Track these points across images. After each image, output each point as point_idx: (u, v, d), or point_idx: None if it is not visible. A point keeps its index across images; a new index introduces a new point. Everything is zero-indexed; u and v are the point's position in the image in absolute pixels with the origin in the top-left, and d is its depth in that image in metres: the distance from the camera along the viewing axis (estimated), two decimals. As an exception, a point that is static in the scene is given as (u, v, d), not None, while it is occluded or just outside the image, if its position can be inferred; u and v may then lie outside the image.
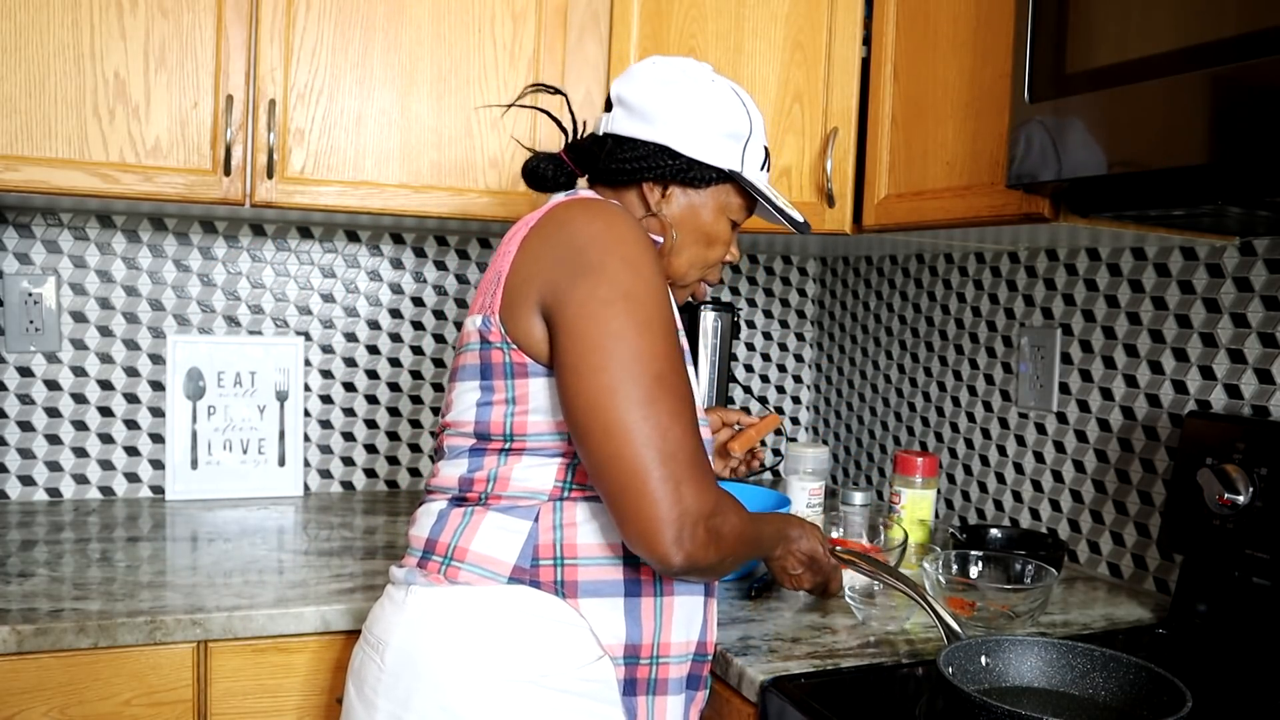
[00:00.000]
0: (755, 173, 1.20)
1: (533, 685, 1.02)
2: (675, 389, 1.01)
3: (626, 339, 1.00)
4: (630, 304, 1.01)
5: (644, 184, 1.17)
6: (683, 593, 1.12)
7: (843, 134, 1.62)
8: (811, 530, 1.27)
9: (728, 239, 1.22)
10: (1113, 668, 1.10)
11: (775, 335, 2.46)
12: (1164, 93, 1.01)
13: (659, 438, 0.98)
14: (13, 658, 1.23)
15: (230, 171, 1.58)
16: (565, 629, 1.04)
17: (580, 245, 1.03)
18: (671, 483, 0.98)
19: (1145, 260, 1.60)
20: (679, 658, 1.12)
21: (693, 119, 1.15)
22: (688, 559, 0.98)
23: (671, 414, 0.99)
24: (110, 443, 1.94)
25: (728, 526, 1.02)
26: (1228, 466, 1.32)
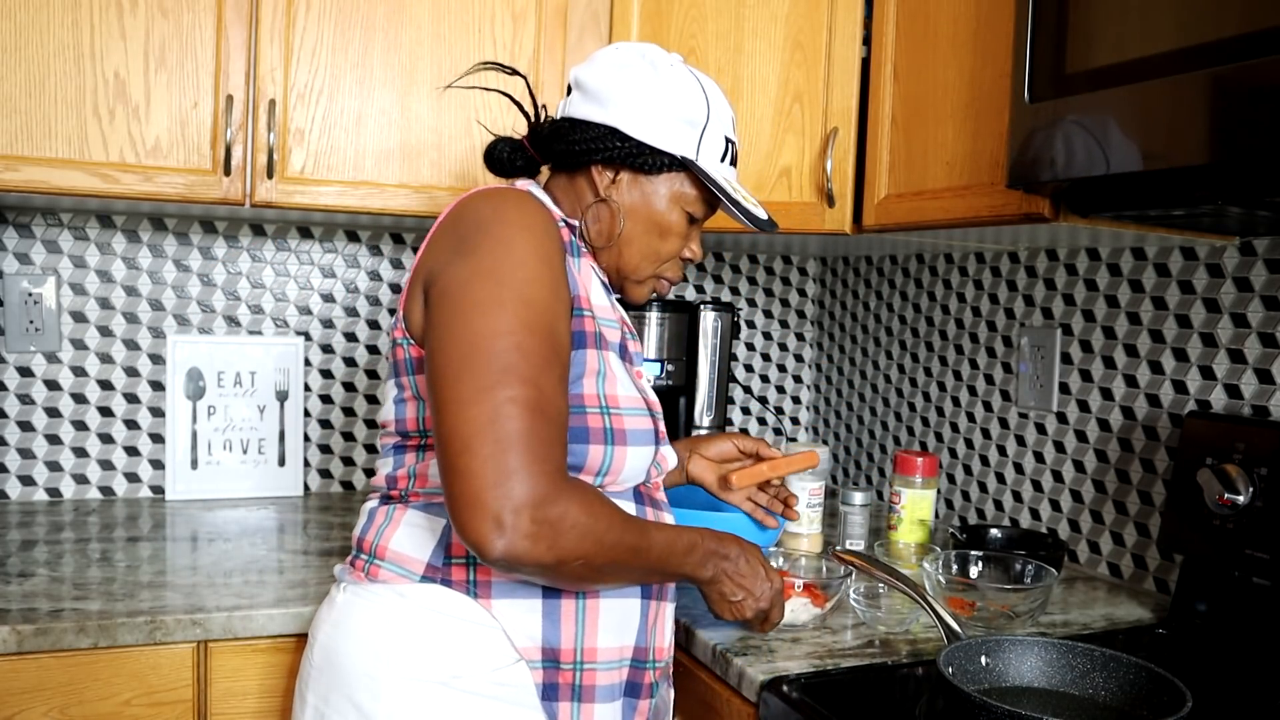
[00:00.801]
0: (713, 163, 1.15)
1: (443, 686, 1.01)
2: (520, 371, 0.95)
3: (476, 317, 0.96)
4: (489, 281, 0.98)
5: (594, 167, 1.14)
6: (611, 595, 1.08)
7: (843, 134, 1.62)
8: (752, 550, 1.19)
9: (682, 232, 1.18)
10: (1112, 668, 1.10)
11: (775, 335, 2.46)
12: (1164, 93, 1.01)
13: (489, 418, 0.93)
14: (13, 658, 1.23)
15: (230, 171, 1.58)
16: (477, 630, 1.03)
17: (463, 231, 1.03)
18: (496, 465, 0.92)
19: (1145, 260, 1.60)
20: (609, 664, 1.08)
21: (645, 102, 1.12)
22: (509, 550, 0.91)
23: (511, 396, 0.94)
24: (110, 443, 1.94)
25: (569, 521, 0.94)
26: (1228, 466, 1.32)
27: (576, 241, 1.14)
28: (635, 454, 1.09)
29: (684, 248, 1.20)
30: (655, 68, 1.13)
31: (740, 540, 1.17)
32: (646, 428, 1.11)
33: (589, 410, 1.05)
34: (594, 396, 1.06)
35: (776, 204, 1.68)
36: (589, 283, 1.12)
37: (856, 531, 1.75)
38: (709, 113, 1.14)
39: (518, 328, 0.96)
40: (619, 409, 1.07)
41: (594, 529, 0.96)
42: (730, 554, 1.14)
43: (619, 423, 1.07)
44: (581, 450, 1.04)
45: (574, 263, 1.10)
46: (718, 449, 1.45)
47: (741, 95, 1.70)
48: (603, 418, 1.06)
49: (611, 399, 1.07)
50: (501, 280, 0.98)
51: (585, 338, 1.07)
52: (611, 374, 1.09)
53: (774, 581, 1.19)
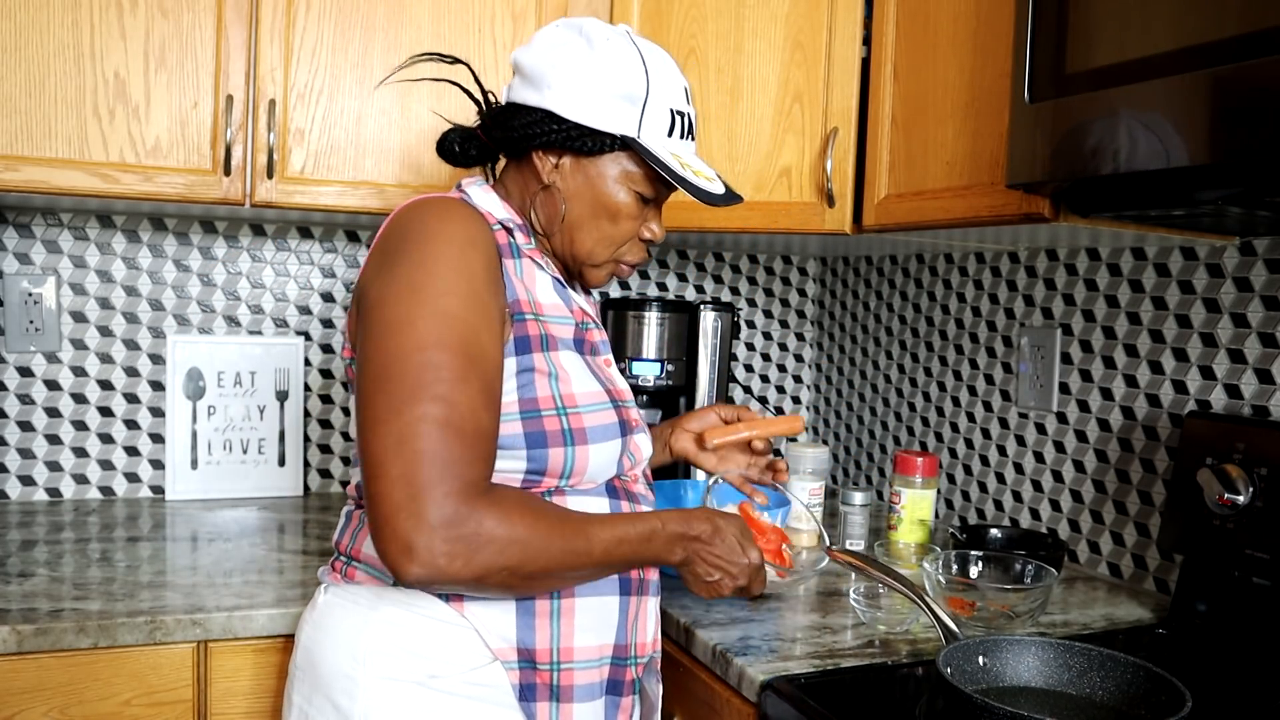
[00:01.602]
0: (658, 139, 1.10)
1: (419, 686, 1.01)
2: (432, 389, 0.93)
3: (390, 335, 0.96)
4: (405, 298, 0.97)
5: (535, 153, 1.11)
6: (588, 593, 1.07)
7: (843, 134, 1.63)
8: (727, 524, 1.12)
9: (635, 213, 1.13)
10: (1109, 667, 1.10)
11: (775, 335, 2.46)
12: (1164, 93, 1.01)
13: (398, 439, 0.92)
14: (13, 658, 1.23)
15: (230, 171, 1.58)
16: (451, 631, 1.02)
17: (388, 246, 1.02)
18: (405, 487, 0.91)
19: (1145, 260, 1.60)
20: (587, 663, 1.07)
21: (580, 81, 1.08)
22: (423, 573, 0.91)
23: (421, 414, 0.92)
24: (110, 443, 1.94)
25: (484, 536, 0.93)
26: (1228, 466, 1.32)
27: (517, 242, 1.11)
28: (599, 451, 1.07)
29: (640, 229, 1.16)
30: (591, 43, 1.08)
31: (713, 515, 1.11)
32: (609, 421, 1.09)
33: (544, 413, 1.04)
34: (549, 398, 1.04)
35: (776, 204, 1.68)
36: (532, 283, 1.10)
37: (856, 531, 1.75)
38: (649, 86, 1.09)
39: (431, 344, 0.95)
40: (577, 407, 1.06)
41: (516, 539, 0.94)
42: (701, 533, 1.09)
43: (577, 421, 1.05)
44: (541, 455, 1.03)
45: (513, 266, 1.08)
46: (700, 420, 1.42)
47: (741, 95, 1.70)
48: (560, 419, 1.04)
49: (568, 398, 1.05)
50: (417, 296, 0.97)
51: (529, 341, 1.05)
52: (564, 373, 1.07)
53: (751, 556, 1.12)
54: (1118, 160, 1.07)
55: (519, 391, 1.03)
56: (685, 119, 1.13)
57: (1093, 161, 1.10)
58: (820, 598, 1.49)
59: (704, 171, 1.14)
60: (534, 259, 1.12)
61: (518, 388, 1.03)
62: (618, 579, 1.10)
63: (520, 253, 1.10)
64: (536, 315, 1.07)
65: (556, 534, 0.98)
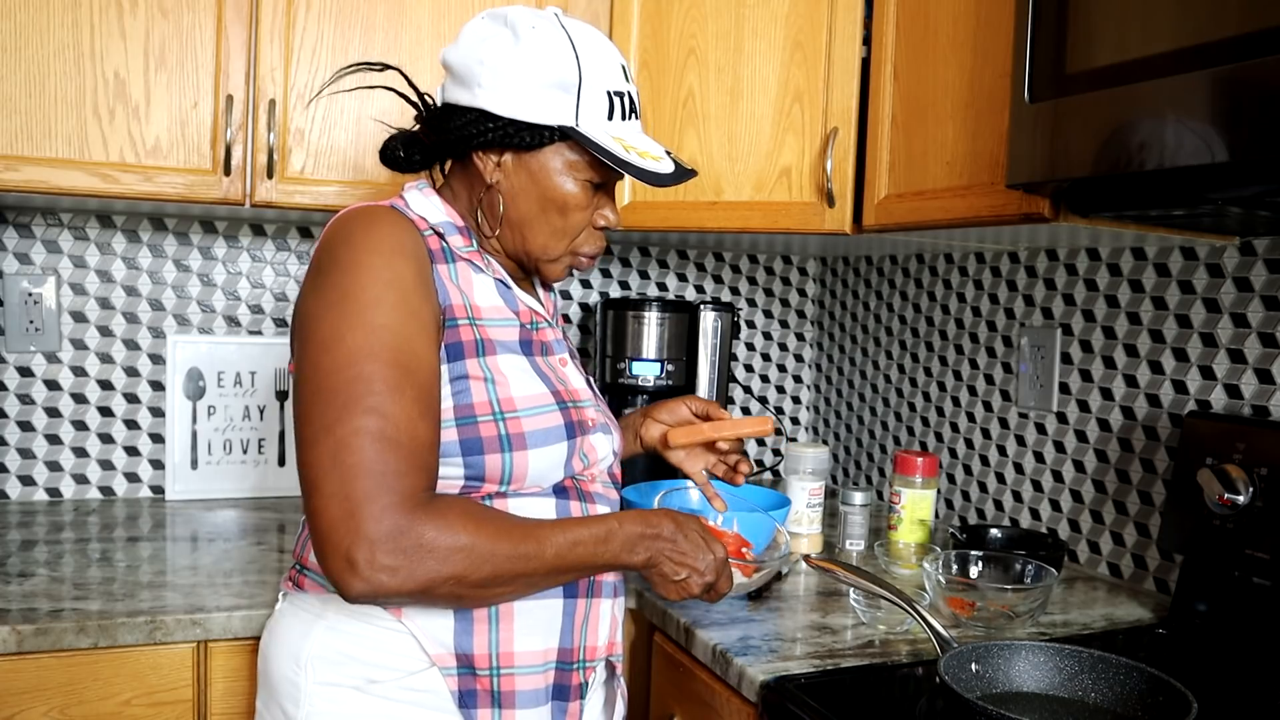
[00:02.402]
0: (598, 124, 1.07)
1: (358, 692, 1.02)
2: (364, 402, 0.93)
3: (320, 352, 0.95)
4: (332, 313, 0.96)
5: (476, 154, 1.09)
6: (529, 597, 1.04)
7: (843, 134, 1.62)
8: (690, 522, 1.10)
9: (584, 203, 1.10)
10: (1101, 669, 1.10)
11: (775, 335, 2.46)
12: (1164, 93, 1.01)
13: (332, 455, 0.91)
14: (13, 658, 1.23)
15: (230, 171, 1.58)
16: (390, 637, 1.02)
17: (318, 261, 1.01)
18: (341, 503, 0.90)
19: (1145, 260, 1.60)
20: (530, 668, 1.05)
21: (508, 75, 1.04)
22: (366, 589, 0.90)
23: (354, 428, 0.92)
24: (110, 443, 1.94)
25: (426, 547, 0.92)
26: (1228, 466, 1.32)
27: (452, 246, 1.09)
28: (540, 456, 1.04)
29: (594, 217, 1.13)
30: (516, 34, 1.05)
31: (674, 514, 1.09)
32: (553, 425, 1.06)
33: (480, 419, 1.02)
34: (485, 404, 1.02)
35: (776, 204, 1.68)
36: (469, 288, 1.08)
37: (856, 531, 1.75)
38: (580, 72, 1.05)
39: (362, 357, 0.94)
40: (515, 412, 1.03)
41: (458, 548, 0.93)
42: (664, 532, 1.06)
43: (515, 426, 1.03)
44: (478, 461, 1.02)
45: (448, 271, 1.06)
46: (670, 412, 1.38)
47: (741, 95, 1.70)
48: (496, 425, 1.02)
49: (506, 403, 1.03)
50: (345, 309, 0.96)
51: (463, 347, 1.03)
52: (502, 377, 1.04)
53: (716, 552, 1.10)
54: (1118, 160, 1.07)
55: (455, 398, 1.02)
56: (625, 99, 1.09)
57: (1093, 161, 1.10)
58: (820, 598, 1.49)
59: (650, 151, 1.10)
60: (473, 262, 1.10)
61: (453, 394, 1.02)
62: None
63: (455, 257, 1.08)
64: (472, 320, 1.05)
65: (503, 539, 0.96)
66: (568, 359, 1.17)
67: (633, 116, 1.11)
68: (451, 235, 1.09)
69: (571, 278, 2.26)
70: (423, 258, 1.03)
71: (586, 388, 1.18)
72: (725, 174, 1.72)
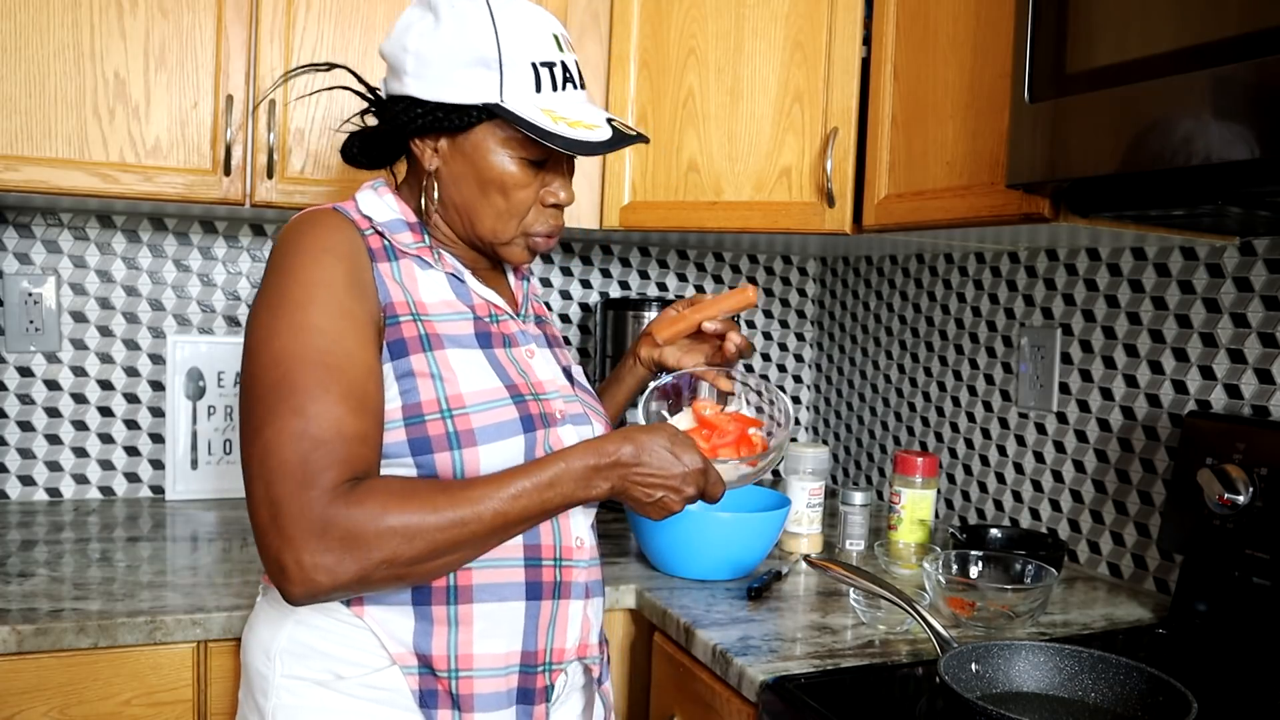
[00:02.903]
0: (526, 98, 1.04)
1: (322, 687, 1.02)
2: (289, 402, 0.93)
3: (252, 357, 0.97)
4: (265, 316, 0.97)
5: (413, 143, 1.08)
6: (487, 599, 1.02)
7: (843, 134, 1.62)
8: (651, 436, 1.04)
9: (526, 181, 1.07)
10: (1101, 669, 1.10)
11: (775, 335, 2.46)
12: (1164, 93, 1.01)
13: (260, 459, 0.92)
14: (13, 658, 1.23)
15: (230, 171, 1.58)
16: (353, 634, 1.02)
17: (266, 267, 1.03)
18: (269, 506, 0.91)
19: (1145, 260, 1.60)
20: (490, 671, 1.03)
21: (430, 57, 1.03)
22: (305, 590, 0.91)
23: (277, 429, 0.92)
24: (110, 443, 1.94)
25: (353, 534, 0.91)
26: (1228, 466, 1.32)
27: (397, 243, 1.07)
28: (492, 452, 1.02)
29: (541, 195, 1.10)
30: (437, 16, 1.04)
31: (631, 432, 1.04)
32: (506, 419, 1.03)
33: (428, 418, 1.01)
34: (432, 402, 1.01)
35: (776, 204, 1.68)
36: (414, 284, 1.06)
37: (856, 531, 1.75)
38: (499, 46, 1.03)
39: (286, 359, 0.95)
40: (464, 408, 1.01)
41: (386, 529, 0.92)
42: (623, 456, 1.02)
43: (464, 423, 1.01)
44: (427, 460, 1.00)
45: (390, 269, 1.05)
46: (657, 321, 1.34)
47: (741, 95, 1.70)
48: (444, 422, 1.01)
49: (454, 399, 1.01)
50: (275, 313, 0.97)
51: (406, 344, 1.02)
52: (450, 373, 1.02)
53: (687, 461, 1.04)
54: (1117, 160, 1.07)
55: (402, 397, 1.01)
56: (555, 69, 1.05)
57: (1093, 161, 1.10)
58: (820, 598, 1.49)
59: (585, 120, 1.06)
60: (421, 258, 1.09)
61: (400, 393, 1.01)
62: (523, 584, 1.04)
63: (398, 254, 1.07)
64: (417, 315, 1.04)
65: (432, 510, 0.94)
66: (535, 349, 1.14)
67: (569, 86, 1.07)
68: (400, 233, 1.08)
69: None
70: (359, 257, 1.03)
71: (561, 379, 1.15)
72: (725, 174, 1.72)
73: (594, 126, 1.05)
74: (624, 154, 1.79)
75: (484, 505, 0.96)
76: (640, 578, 1.55)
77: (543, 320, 1.23)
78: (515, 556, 1.04)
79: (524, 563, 1.04)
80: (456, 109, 1.04)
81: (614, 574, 1.56)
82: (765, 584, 1.49)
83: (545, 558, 1.06)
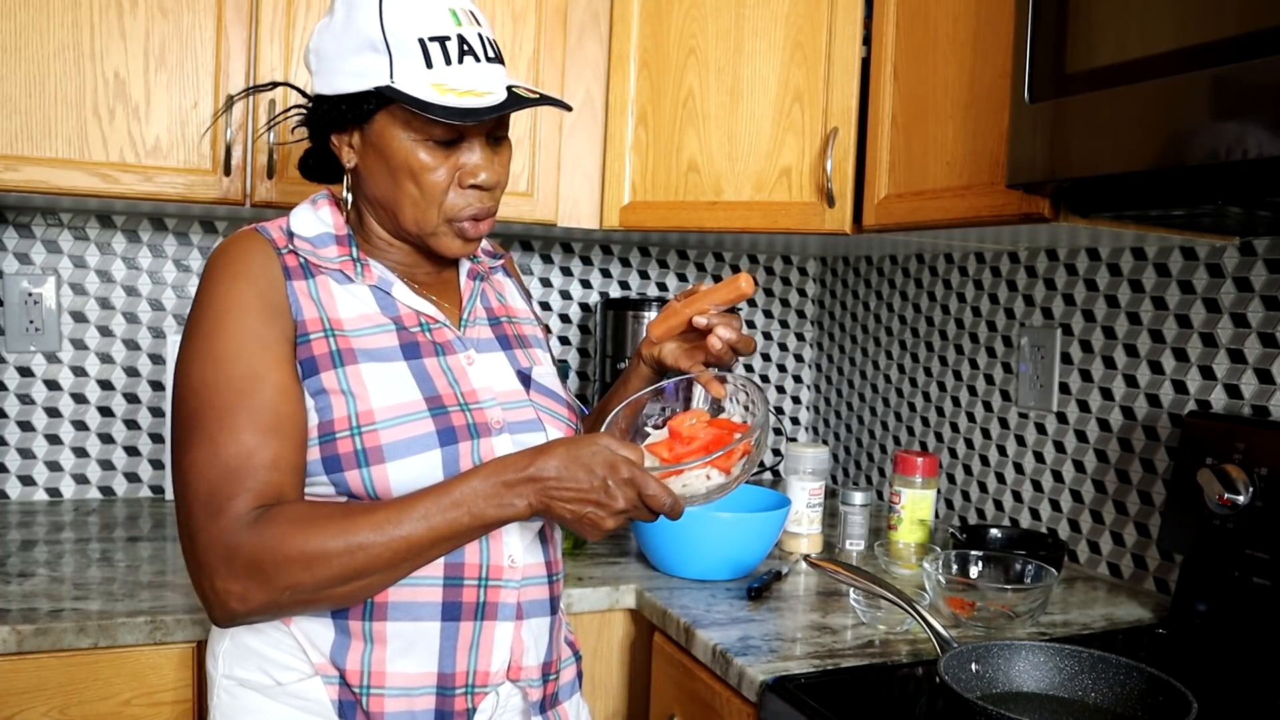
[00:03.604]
0: (416, 74, 0.99)
1: (256, 691, 1.04)
2: (200, 432, 0.96)
3: (178, 383, 1.00)
4: (184, 345, 1.00)
5: (331, 143, 1.07)
6: (403, 618, 1.00)
7: (843, 134, 1.62)
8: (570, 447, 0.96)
9: (436, 163, 1.02)
10: (1101, 669, 1.10)
11: (775, 335, 2.46)
12: (1164, 93, 1.01)
13: (179, 490, 0.96)
14: (13, 658, 1.23)
15: (230, 171, 1.58)
16: (284, 641, 1.02)
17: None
18: (186, 537, 0.95)
19: (1145, 260, 1.60)
20: (402, 690, 1.00)
21: (324, 51, 1.02)
22: (225, 614, 0.94)
23: (190, 461, 0.95)
24: (110, 443, 1.94)
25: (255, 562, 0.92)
26: (1228, 466, 1.32)
27: (316, 259, 1.05)
28: (403, 468, 0.99)
29: (458, 177, 1.04)
30: (333, 10, 1.03)
31: (551, 445, 0.97)
32: (420, 433, 1.00)
33: (339, 435, 0.99)
34: (343, 419, 0.99)
35: (776, 204, 1.68)
36: (331, 300, 1.04)
37: (856, 531, 1.75)
38: (383, 25, 0.99)
39: (197, 389, 0.97)
40: (374, 424, 0.99)
41: (286, 558, 0.92)
42: (544, 470, 0.95)
43: (372, 440, 0.98)
44: (340, 479, 0.99)
45: (305, 286, 1.03)
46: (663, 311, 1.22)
47: (741, 95, 1.70)
48: (353, 440, 0.99)
49: (364, 416, 0.99)
50: (189, 343, 1.00)
51: (316, 362, 1.01)
52: (362, 390, 1.00)
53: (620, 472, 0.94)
54: (1117, 160, 1.07)
55: (318, 414, 1.00)
56: (450, 43, 1.00)
57: (1093, 161, 1.10)
58: (820, 598, 1.49)
59: (480, 88, 1.00)
60: (343, 272, 1.06)
61: (317, 410, 1.00)
62: (440, 604, 1.01)
63: (314, 271, 1.05)
64: (330, 332, 1.02)
65: (332, 535, 0.93)
66: (476, 355, 1.09)
67: (468, 59, 1.01)
68: (325, 247, 1.06)
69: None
70: (272, 278, 1.02)
71: (508, 384, 1.10)
72: (725, 174, 1.72)
73: (486, 94, 1.00)
74: (624, 154, 1.80)
75: (386, 530, 0.94)
76: (640, 578, 1.55)
77: (511, 320, 1.19)
78: (434, 575, 1.01)
79: (443, 582, 1.01)
80: (353, 98, 1.01)
81: (614, 574, 1.56)
82: (765, 584, 1.49)
83: (468, 577, 1.02)
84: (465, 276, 1.17)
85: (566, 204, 1.80)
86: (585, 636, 1.51)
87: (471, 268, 1.18)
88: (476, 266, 1.18)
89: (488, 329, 1.14)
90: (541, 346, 1.21)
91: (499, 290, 1.21)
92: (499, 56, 1.05)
